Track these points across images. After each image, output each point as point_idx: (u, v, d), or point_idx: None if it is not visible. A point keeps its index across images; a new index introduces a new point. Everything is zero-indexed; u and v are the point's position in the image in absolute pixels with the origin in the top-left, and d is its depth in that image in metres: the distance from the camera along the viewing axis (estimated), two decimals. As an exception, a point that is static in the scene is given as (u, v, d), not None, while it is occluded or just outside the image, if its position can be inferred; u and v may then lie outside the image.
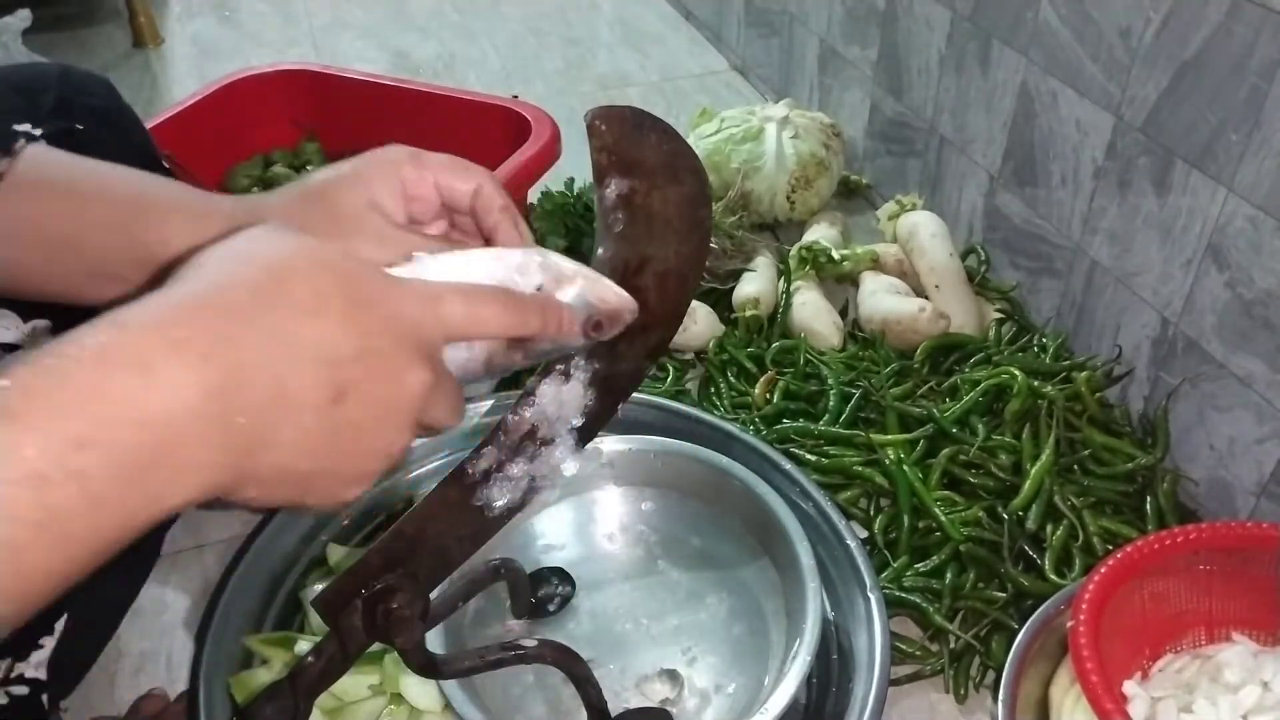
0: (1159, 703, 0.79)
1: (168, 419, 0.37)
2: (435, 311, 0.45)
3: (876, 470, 1.03)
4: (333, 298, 0.42)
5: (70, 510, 0.36)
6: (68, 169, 0.62)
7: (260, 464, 0.41)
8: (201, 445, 0.38)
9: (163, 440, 0.37)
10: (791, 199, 1.46)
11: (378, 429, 0.43)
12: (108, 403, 0.37)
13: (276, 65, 1.51)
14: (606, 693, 0.71)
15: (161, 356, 0.38)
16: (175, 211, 0.58)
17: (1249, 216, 0.91)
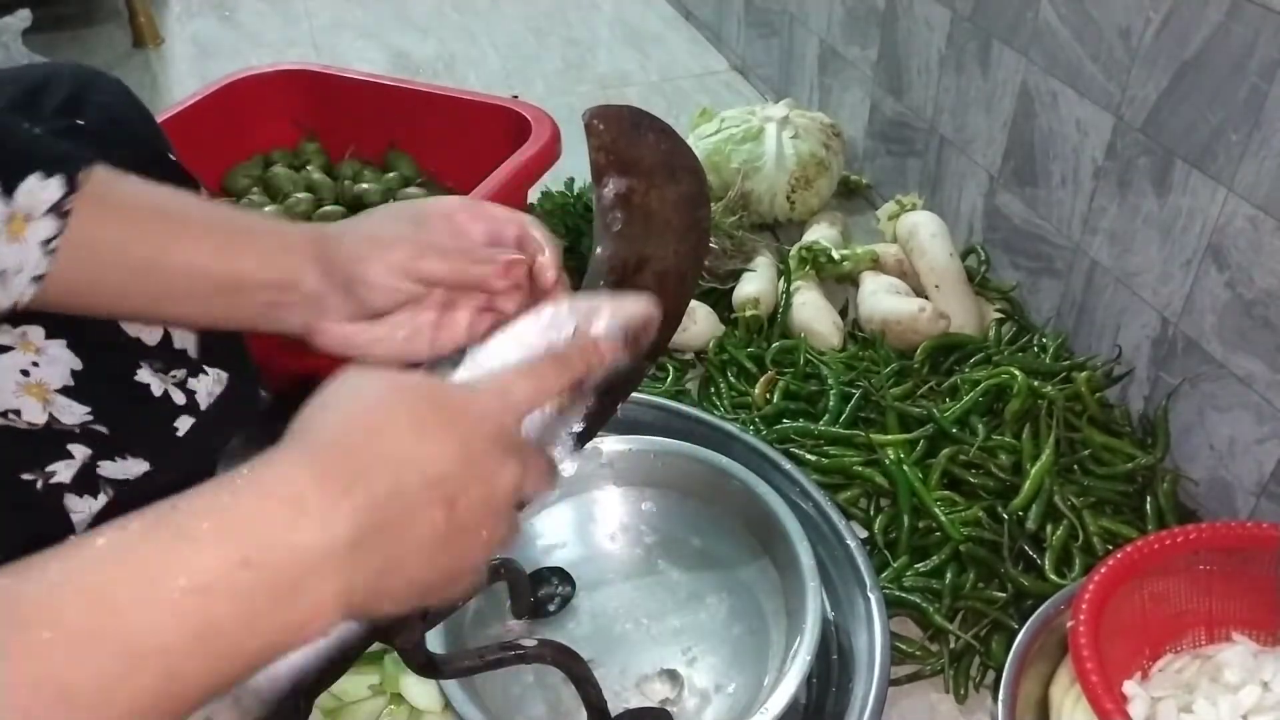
0: (1159, 703, 0.79)
1: (319, 546, 0.41)
2: (507, 401, 0.50)
3: (876, 470, 1.03)
4: (429, 418, 0.46)
5: (228, 625, 0.39)
6: (150, 195, 0.65)
7: (393, 583, 0.45)
8: (346, 569, 0.42)
9: (314, 566, 0.41)
10: (791, 199, 1.46)
11: (484, 526, 0.47)
12: (268, 528, 0.41)
13: (276, 65, 1.51)
14: (606, 693, 0.71)
15: (311, 490, 0.42)
16: (259, 241, 0.64)
17: (1249, 216, 0.91)
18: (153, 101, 1.93)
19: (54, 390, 0.68)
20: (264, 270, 0.63)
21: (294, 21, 2.26)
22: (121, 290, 0.64)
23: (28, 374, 0.67)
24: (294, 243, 0.64)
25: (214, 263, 0.63)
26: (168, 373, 0.75)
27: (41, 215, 0.59)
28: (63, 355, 0.68)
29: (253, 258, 0.63)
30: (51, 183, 0.60)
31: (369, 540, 0.43)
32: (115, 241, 0.62)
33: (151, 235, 0.63)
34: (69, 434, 0.69)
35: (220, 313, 0.65)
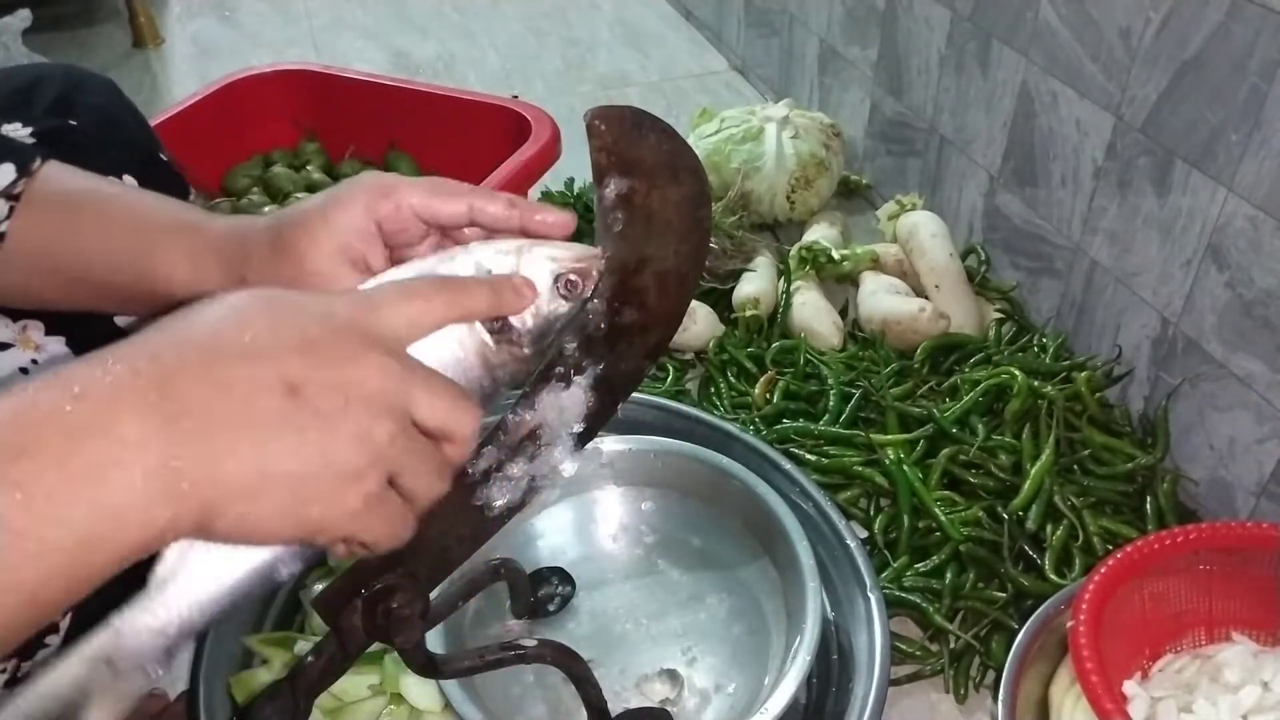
0: (1159, 703, 0.79)
1: (107, 436, 0.37)
2: (371, 307, 0.45)
3: (876, 470, 1.03)
4: (257, 311, 0.42)
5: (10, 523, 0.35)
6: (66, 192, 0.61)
7: (226, 473, 0.39)
8: (156, 448, 0.37)
9: (113, 448, 0.37)
10: (791, 199, 1.46)
11: (347, 415, 0.41)
12: (44, 420, 0.36)
13: (276, 65, 1.51)
14: (606, 693, 0.71)
15: (107, 417, 0.37)
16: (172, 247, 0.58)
17: (1249, 216, 0.91)
18: (153, 101, 1.93)
19: None
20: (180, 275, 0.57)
21: (294, 21, 2.26)
22: (57, 294, 0.61)
23: (27, 372, 0.67)
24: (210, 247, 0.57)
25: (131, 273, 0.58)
26: None
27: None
28: (61, 353, 0.68)
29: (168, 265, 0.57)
30: (4, 167, 0.58)
31: (182, 422, 0.38)
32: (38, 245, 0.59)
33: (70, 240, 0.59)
34: None
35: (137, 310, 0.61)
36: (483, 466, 0.58)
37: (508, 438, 0.57)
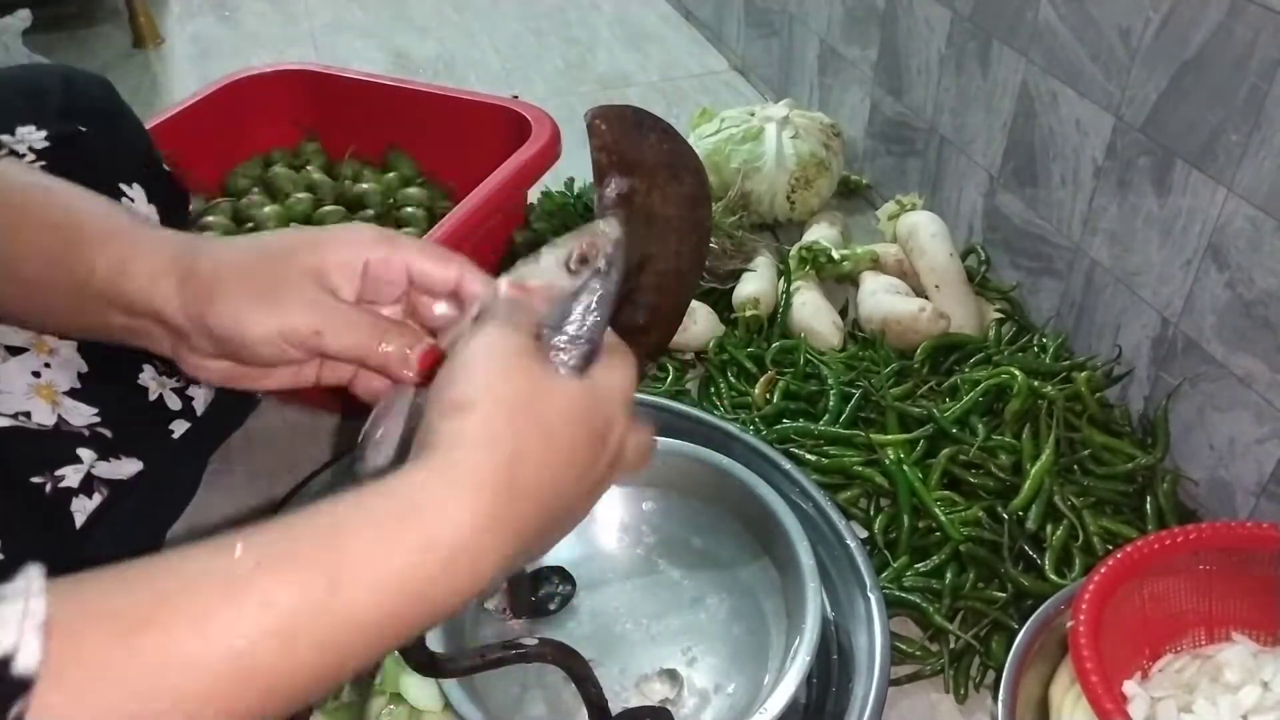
0: (1159, 703, 0.79)
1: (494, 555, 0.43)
2: (623, 389, 0.53)
3: (876, 470, 1.03)
4: (580, 443, 0.48)
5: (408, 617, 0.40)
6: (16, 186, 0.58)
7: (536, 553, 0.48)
8: (510, 558, 0.44)
9: (489, 569, 0.43)
10: (791, 199, 1.46)
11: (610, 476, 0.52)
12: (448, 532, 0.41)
13: (276, 65, 1.51)
14: (606, 692, 0.71)
15: (485, 528, 0.42)
16: (108, 243, 0.55)
17: (1249, 216, 0.91)
18: (153, 101, 1.93)
19: (62, 393, 0.68)
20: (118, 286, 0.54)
21: (294, 21, 2.26)
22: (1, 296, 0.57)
23: (39, 375, 0.67)
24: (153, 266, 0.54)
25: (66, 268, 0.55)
26: (171, 376, 0.75)
27: None
28: (73, 358, 0.68)
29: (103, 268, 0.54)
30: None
31: (528, 540, 0.45)
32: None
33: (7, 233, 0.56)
34: (78, 437, 0.69)
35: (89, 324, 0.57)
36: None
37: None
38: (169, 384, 0.75)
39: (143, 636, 0.34)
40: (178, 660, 0.34)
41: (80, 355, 0.69)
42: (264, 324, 0.51)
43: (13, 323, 0.62)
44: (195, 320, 0.52)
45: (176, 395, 0.76)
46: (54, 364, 0.68)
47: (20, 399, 0.66)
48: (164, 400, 0.75)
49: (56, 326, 0.61)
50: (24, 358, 0.66)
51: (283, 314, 0.51)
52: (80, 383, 0.69)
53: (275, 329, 0.51)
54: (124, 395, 0.73)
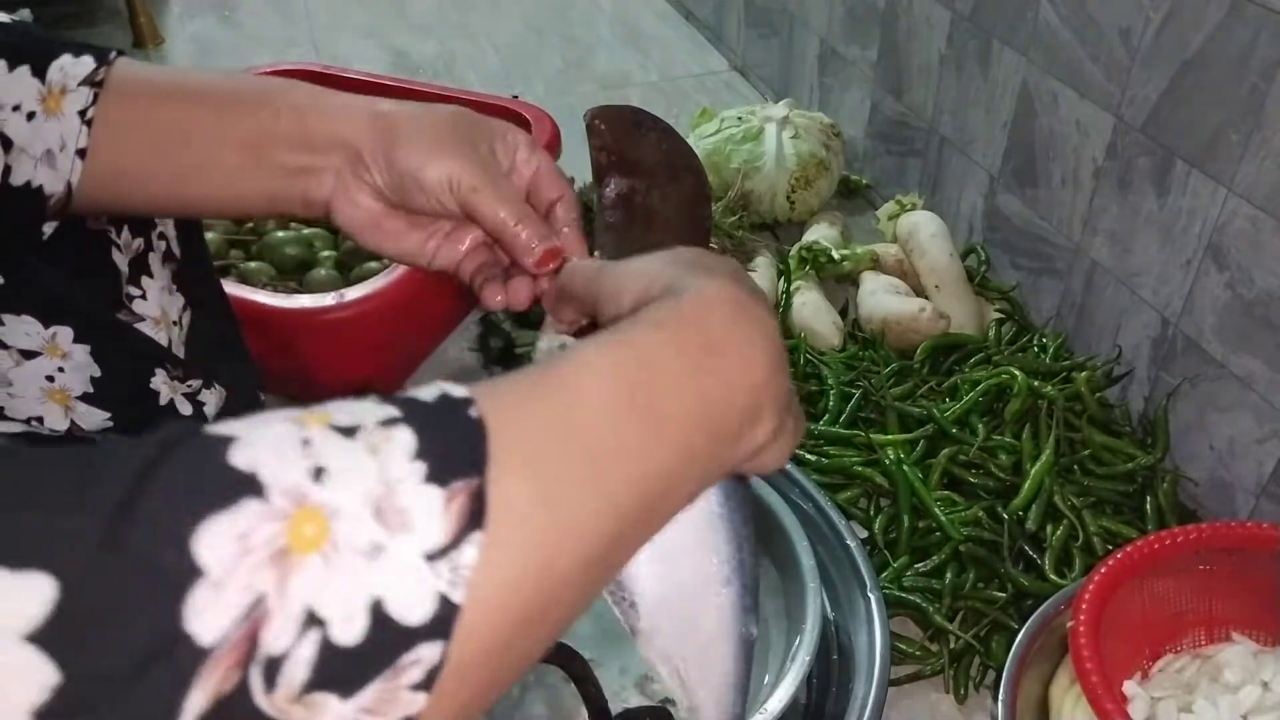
0: (1159, 703, 0.79)
1: (754, 347, 0.45)
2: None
3: (876, 470, 1.03)
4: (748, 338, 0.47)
5: (715, 398, 0.43)
6: (176, 71, 0.64)
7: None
8: (774, 412, 0.45)
9: (758, 411, 0.44)
10: (791, 199, 1.46)
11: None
12: (714, 324, 0.44)
13: (276, 65, 1.51)
14: (606, 692, 0.71)
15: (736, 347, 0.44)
16: (290, 95, 0.62)
17: (1249, 216, 0.91)
18: (153, 101, 1.93)
19: (75, 398, 0.68)
20: (301, 128, 0.61)
21: (294, 21, 2.26)
22: (148, 170, 0.62)
23: (52, 380, 0.67)
24: (343, 105, 0.62)
25: (242, 124, 0.61)
26: (184, 381, 0.75)
27: (75, 87, 0.59)
28: (86, 362, 0.68)
29: (288, 117, 0.61)
30: (83, 59, 0.60)
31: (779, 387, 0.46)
32: (139, 117, 0.61)
33: (176, 102, 0.61)
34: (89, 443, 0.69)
35: (245, 185, 0.62)
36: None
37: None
38: (180, 389, 0.76)
39: (547, 381, 0.39)
40: (583, 390, 0.39)
41: (93, 359, 0.69)
42: (442, 166, 0.58)
43: (167, 208, 0.67)
44: (380, 153, 0.60)
45: (188, 400, 0.76)
46: (67, 368, 0.68)
47: (33, 404, 0.66)
48: (175, 405, 0.75)
49: (215, 194, 0.64)
50: (37, 361, 0.66)
51: (457, 163, 0.58)
52: (93, 387, 0.69)
53: (447, 174, 0.58)
54: (136, 399, 0.73)
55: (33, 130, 0.59)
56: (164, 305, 0.75)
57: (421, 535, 0.32)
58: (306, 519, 0.31)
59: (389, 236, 0.63)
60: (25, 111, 0.58)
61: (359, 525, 0.32)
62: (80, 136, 0.59)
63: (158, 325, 0.74)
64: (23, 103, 0.58)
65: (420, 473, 0.33)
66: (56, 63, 0.59)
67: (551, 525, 0.36)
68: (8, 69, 0.58)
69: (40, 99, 0.58)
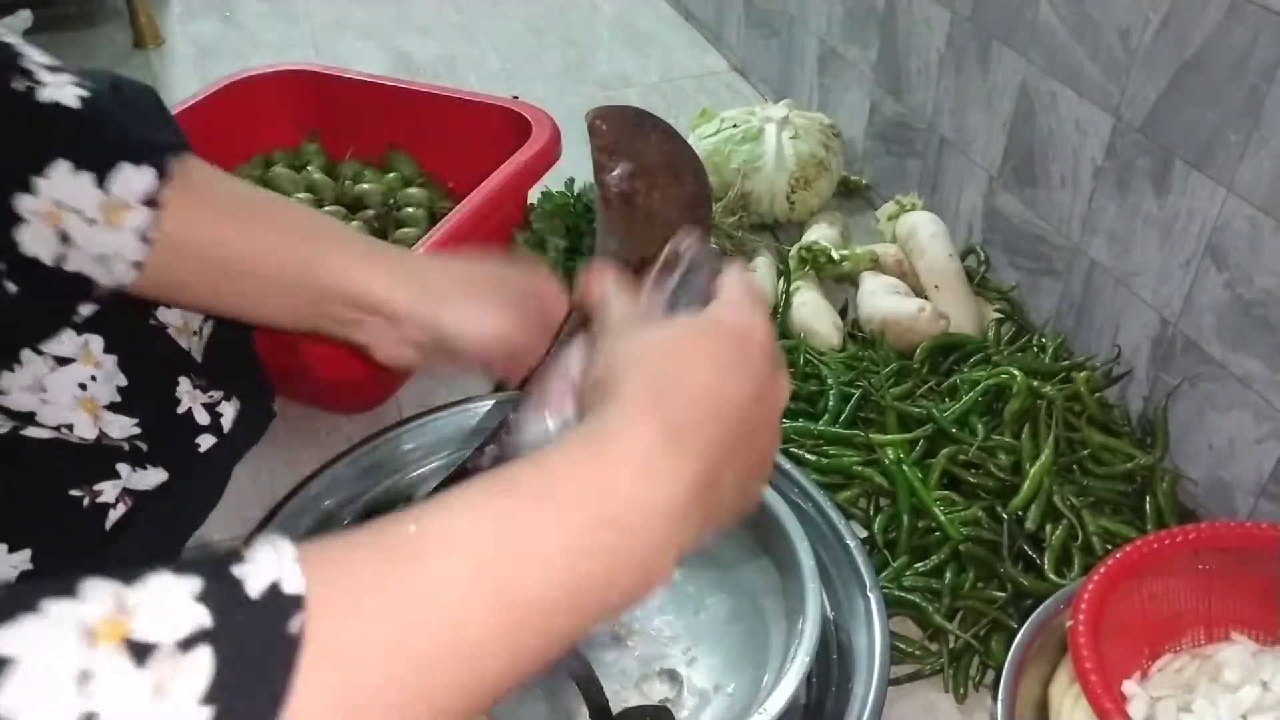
0: (1158, 702, 0.79)
1: (669, 503, 0.43)
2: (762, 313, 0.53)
3: (876, 470, 1.04)
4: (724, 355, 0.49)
5: (594, 582, 0.41)
6: (240, 196, 0.69)
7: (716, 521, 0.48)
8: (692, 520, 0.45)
9: (667, 523, 0.43)
10: (791, 199, 1.46)
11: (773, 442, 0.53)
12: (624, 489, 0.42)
13: (276, 65, 1.51)
14: (606, 692, 0.71)
15: (654, 449, 0.43)
16: (348, 247, 0.67)
17: (1248, 217, 0.92)
18: (153, 102, 1.93)
19: (103, 407, 0.69)
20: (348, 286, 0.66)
21: (294, 22, 2.26)
22: (213, 289, 0.67)
23: (85, 388, 0.68)
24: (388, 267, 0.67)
25: (300, 267, 0.66)
26: (205, 391, 0.76)
27: (136, 205, 0.61)
28: (114, 372, 0.69)
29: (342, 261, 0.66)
30: (143, 171, 0.62)
31: (705, 490, 0.45)
32: (207, 240, 0.64)
33: (243, 237, 0.65)
34: (118, 451, 0.70)
35: (300, 318, 0.68)
36: (486, 465, 0.58)
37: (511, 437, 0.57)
38: (200, 398, 0.77)
39: (396, 563, 0.37)
40: (433, 579, 0.37)
41: (119, 369, 0.70)
42: (486, 325, 0.64)
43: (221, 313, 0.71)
44: (424, 318, 0.66)
45: (206, 410, 0.77)
46: (99, 377, 0.69)
47: (65, 411, 0.67)
48: (193, 414, 0.76)
49: (269, 316, 0.69)
50: (71, 368, 0.67)
51: (490, 323, 0.64)
52: (120, 396, 0.70)
53: (492, 331, 0.64)
54: (160, 407, 0.74)
55: (91, 234, 0.60)
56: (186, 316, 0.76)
57: None
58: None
59: (426, 366, 0.72)
60: (86, 217, 0.60)
61: None
62: (137, 251, 0.62)
63: (179, 334, 0.75)
64: (83, 209, 0.60)
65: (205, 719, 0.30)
66: (120, 176, 0.60)
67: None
68: (72, 170, 0.59)
69: (101, 209, 0.60)
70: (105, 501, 0.69)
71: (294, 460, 1.13)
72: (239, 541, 0.93)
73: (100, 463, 0.69)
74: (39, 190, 0.58)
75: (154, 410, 0.72)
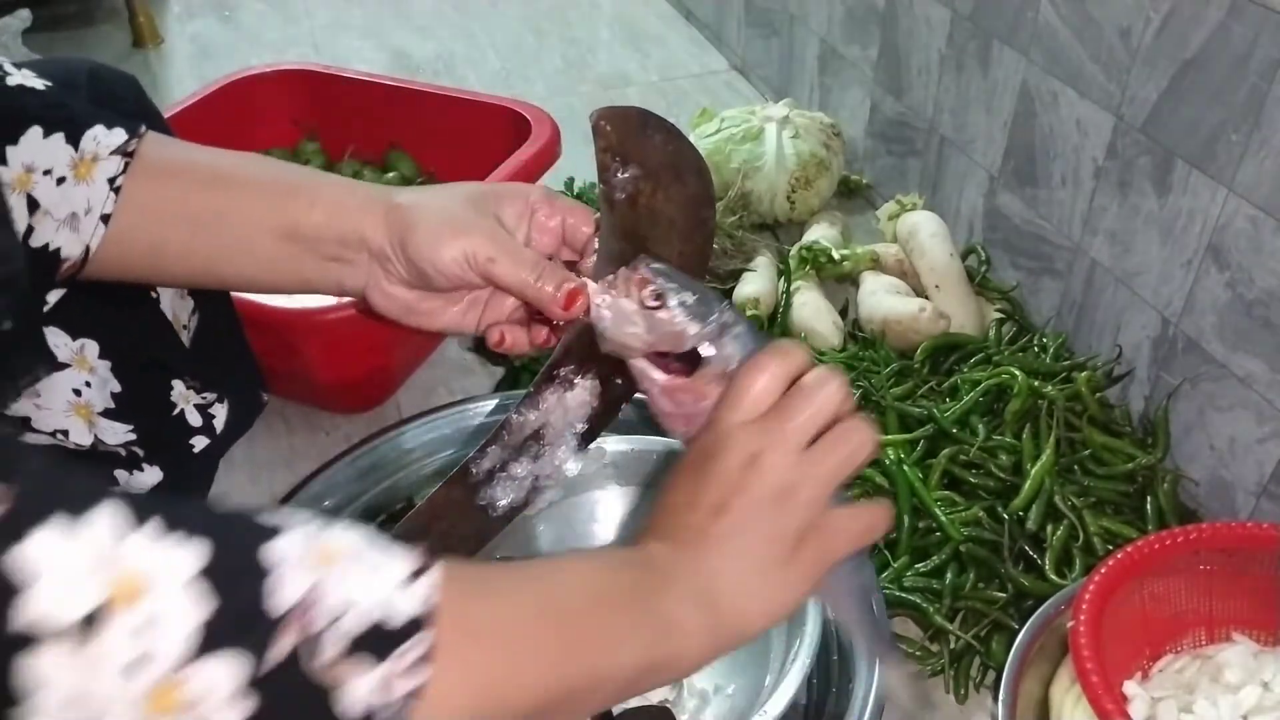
0: (1159, 703, 0.79)
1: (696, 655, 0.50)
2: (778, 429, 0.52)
3: (876, 470, 1.03)
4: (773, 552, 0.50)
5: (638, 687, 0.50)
6: (207, 154, 0.67)
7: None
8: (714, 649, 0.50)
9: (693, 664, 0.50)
10: (791, 199, 1.46)
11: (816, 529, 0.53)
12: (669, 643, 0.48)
13: (276, 65, 1.51)
14: (608, 692, 0.70)
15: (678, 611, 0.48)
16: (320, 190, 0.65)
17: (1249, 216, 0.92)
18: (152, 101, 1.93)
19: (97, 413, 0.69)
20: (331, 224, 0.63)
21: (294, 21, 2.26)
22: (183, 248, 0.64)
23: (79, 394, 0.67)
24: (364, 201, 0.64)
25: (278, 215, 0.64)
26: (200, 393, 0.76)
27: (107, 156, 0.61)
28: (108, 378, 0.69)
29: (320, 211, 0.64)
30: (115, 130, 0.62)
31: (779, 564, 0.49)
32: (176, 197, 0.63)
33: (214, 189, 0.64)
34: (114, 457, 0.70)
35: (282, 269, 0.65)
36: (486, 466, 0.58)
37: (512, 437, 0.57)
38: (193, 399, 0.76)
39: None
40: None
41: (113, 375, 0.70)
42: (453, 247, 0.60)
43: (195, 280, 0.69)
44: (397, 246, 0.62)
45: (199, 412, 0.77)
46: (93, 383, 0.68)
47: (60, 416, 0.67)
48: (185, 416, 0.76)
49: (250, 274, 0.67)
50: (67, 374, 0.67)
51: (467, 241, 0.60)
52: (114, 402, 0.70)
53: (461, 252, 0.60)
54: (155, 410, 0.74)
55: (61, 194, 0.60)
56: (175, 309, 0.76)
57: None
58: None
59: (427, 316, 0.67)
60: (55, 176, 0.60)
61: None
62: (107, 202, 0.61)
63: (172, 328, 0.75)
64: (54, 168, 0.60)
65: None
66: (90, 132, 0.60)
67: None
68: (43, 135, 0.59)
69: (72, 165, 0.60)
70: None
71: (294, 460, 1.13)
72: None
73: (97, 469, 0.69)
74: (9, 158, 0.58)
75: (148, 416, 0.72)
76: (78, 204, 0.60)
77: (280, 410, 1.20)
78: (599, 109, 0.53)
